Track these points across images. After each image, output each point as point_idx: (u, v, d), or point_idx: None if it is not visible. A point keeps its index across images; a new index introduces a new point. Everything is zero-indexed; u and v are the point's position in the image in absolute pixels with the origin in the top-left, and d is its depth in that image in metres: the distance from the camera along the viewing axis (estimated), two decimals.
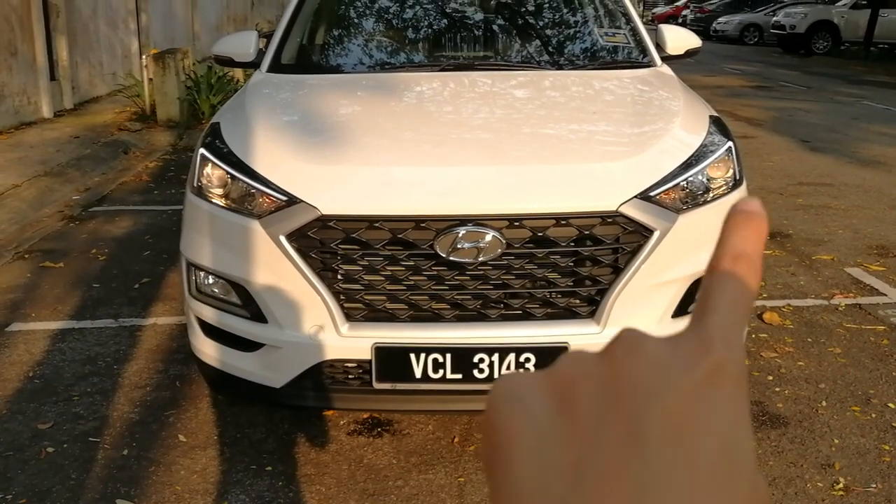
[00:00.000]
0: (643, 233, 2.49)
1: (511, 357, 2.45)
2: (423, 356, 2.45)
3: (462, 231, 2.43)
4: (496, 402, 0.32)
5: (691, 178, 2.61)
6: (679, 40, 3.95)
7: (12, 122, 8.31)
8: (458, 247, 2.43)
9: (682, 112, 3.03)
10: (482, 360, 2.45)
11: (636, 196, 2.49)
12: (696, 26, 26.74)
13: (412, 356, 2.46)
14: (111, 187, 6.67)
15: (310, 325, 2.52)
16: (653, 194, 2.51)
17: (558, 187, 2.53)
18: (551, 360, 2.19)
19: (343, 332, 2.50)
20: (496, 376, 2.46)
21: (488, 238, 2.43)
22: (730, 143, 2.83)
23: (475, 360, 2.45)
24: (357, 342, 2.49)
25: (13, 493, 2.71)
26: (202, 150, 2.79)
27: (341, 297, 2.51)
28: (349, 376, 2.55)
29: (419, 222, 2.44)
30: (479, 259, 2.44)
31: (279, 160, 2.64)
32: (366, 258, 2.48)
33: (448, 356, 2.45)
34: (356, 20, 4.19)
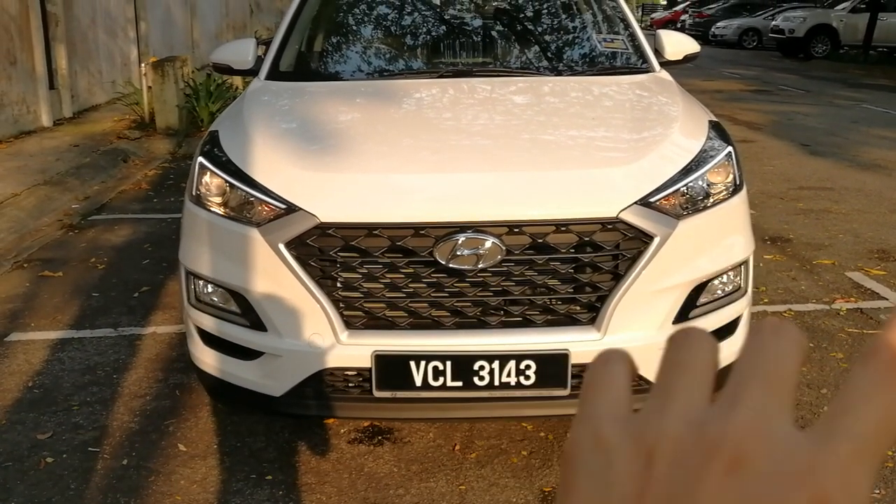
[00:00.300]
0: (643, 239, 2.48)
1: (511, 364, 2.44)
2: (423, 364, 2.44)
3: (461, 238, 2.42)
4: (580, 446, 0.30)
5: (691, 184, 2.61)
6: (678, 46, 3.94)
7: (11, 131, 8.31)
8: (458, 254, 2.42)
9: (682, 117, 3.02)
10: (482, 367, 2.44)
11: (636, 202, 2.48)
12: (694, 31, 26.77)
13: (412, 364, 2.45)
14: (110, 196, 6.67)
15: (309, 334, 2.51)
16: (653, 200, 2.51)
17: (558, 194, 2.52)
18: (551, 367, 2.14)
19: (343, 339, 2.49)
20: (496, 384, 2.45)
21: (488, 245, 2.42)
22: (729, 148, 2.82)
23: (475, 367, 2.44)
24: (357, 350, 2.48)
25: (12, 503, 2.70)
26: (201, 159, 2.79)
27: (341, 305, 2.50)
28: (349, 384, 2.53)
29: (418, 229, 2.43)
30: (479, 266, 2.43)
31: (278, 168, 2.64)
32: (365, 266, 2.47)
33: (448, 364, 2.44)
34: (354, 27, 4.19)
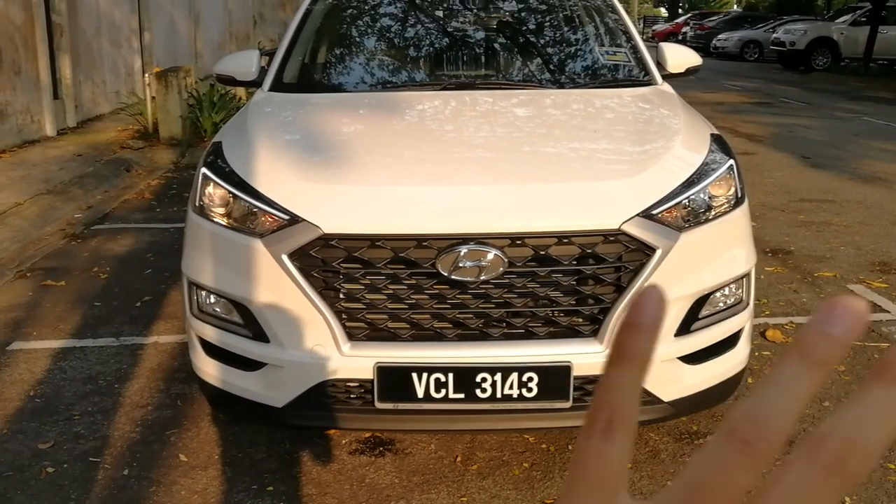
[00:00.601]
0: (645, 251, 2.49)
1: (514, 376, 2.44)
2: (425, 376, 2.44)
3: (464, 250, 2.42)
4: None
5: (693, 197, 2.61)
6: (680, 58, 3.96)
7: (15, 141, 8.34)
8: (460, 265, 2.42)
9: (684, 130, 3.03)
10: (484, 379, 2.44)
11: (638, 214, 2.49)
12: (696, 43, 26.87)
13: (414, 376, 2.45)
14: (113, 205, 6.69)
15: (312, 345, 2.51)
16: (655, 212, 2.51)
17: (560, 206, 2.53)
18: (554, 379, 2.14)
19: (345, 351, 2.49)
20: (498, 396, 2.45)
21: (490, 257, 2.42)
22: (731, 161, 2.83)
23: (478, 379, 2.44)
24: (359, 361, 2.48)
25: None
26: (204, 170, 2.80)
27: (343, 317, 2.50)
28: (351, 396, 2.54)
29: (421, 241, 2.43)
30: (481, 278, 2.44)
31: (281, 179, 2.65)
32: (368, 277, 2.47)
33: (450, 376, 2.44)
34: (358, 39, 4.21)
